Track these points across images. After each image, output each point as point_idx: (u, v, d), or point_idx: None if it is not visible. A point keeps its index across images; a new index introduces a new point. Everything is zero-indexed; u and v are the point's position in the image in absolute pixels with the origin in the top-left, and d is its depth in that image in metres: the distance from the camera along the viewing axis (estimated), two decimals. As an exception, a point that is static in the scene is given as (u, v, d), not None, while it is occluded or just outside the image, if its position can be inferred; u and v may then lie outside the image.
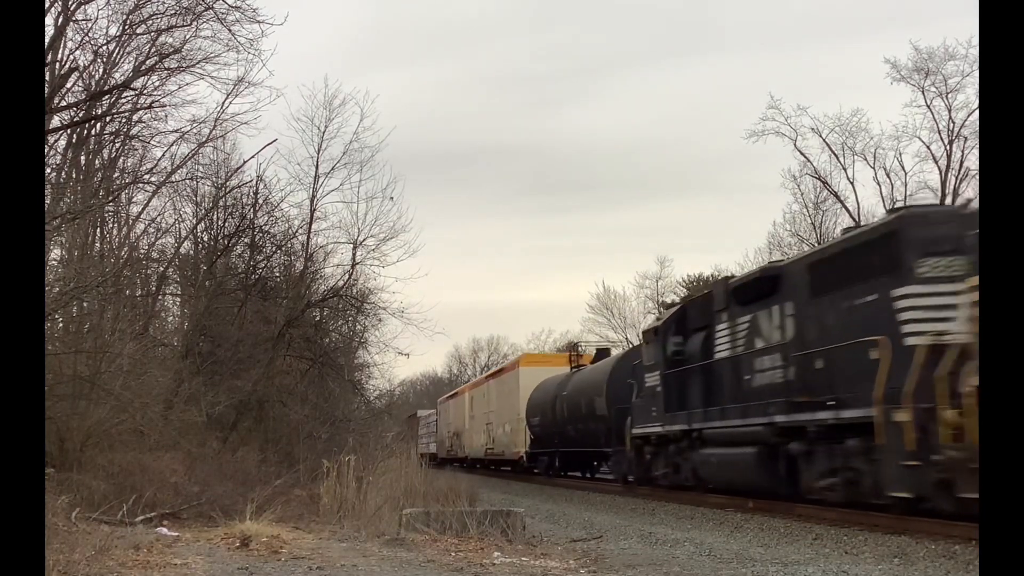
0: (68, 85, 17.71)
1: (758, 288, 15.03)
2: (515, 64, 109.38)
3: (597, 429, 23.53)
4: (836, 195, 38.56)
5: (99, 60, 18.46)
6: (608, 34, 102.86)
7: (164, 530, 10.42)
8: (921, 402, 10.11)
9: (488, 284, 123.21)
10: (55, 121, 16.52)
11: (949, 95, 35.15)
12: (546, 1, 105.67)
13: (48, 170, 16.43)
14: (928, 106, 35.69)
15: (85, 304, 16.46)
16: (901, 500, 10.90)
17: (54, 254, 15.32)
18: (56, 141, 17.53)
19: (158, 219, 22.65)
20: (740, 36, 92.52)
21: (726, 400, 15.63)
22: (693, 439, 16.78)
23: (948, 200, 32.23)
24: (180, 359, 19.43)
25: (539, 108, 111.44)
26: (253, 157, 23.95)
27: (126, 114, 19.44)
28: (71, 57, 17.84)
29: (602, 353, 30.42)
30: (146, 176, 20.58)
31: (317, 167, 23.29)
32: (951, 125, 35.30)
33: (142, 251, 21.60)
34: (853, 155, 37.54)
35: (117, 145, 21.01)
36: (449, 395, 51.18)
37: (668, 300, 47.20)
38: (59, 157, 18.19)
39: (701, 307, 17.75)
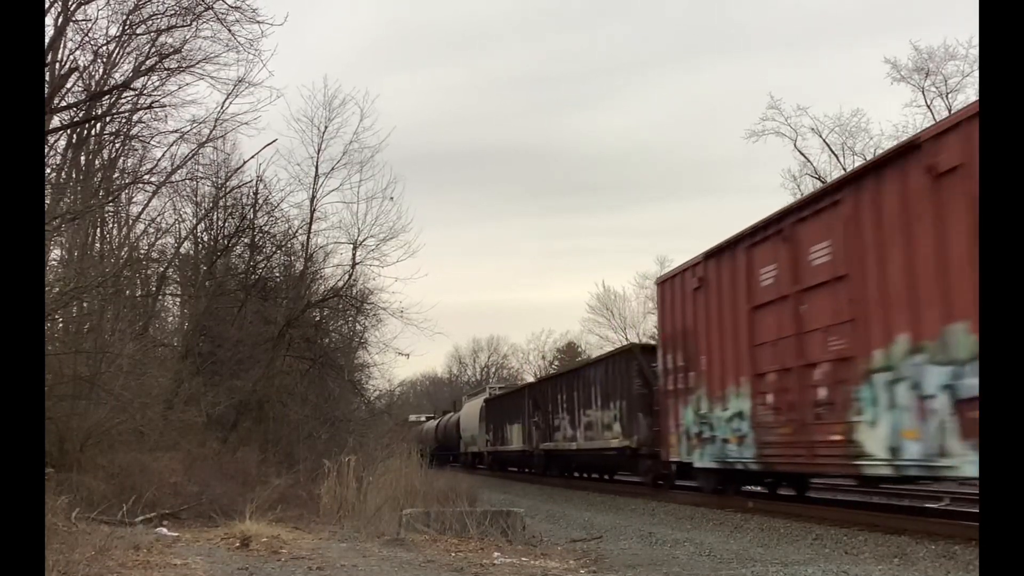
0: (68, 85, 17.73)
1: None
2: (517, 67, 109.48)
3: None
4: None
5: (99, 60, 18.49)
6: (611, 38, 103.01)
7: (164, 530, 10.43)
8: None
9: (488, 284, 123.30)
10: (55, 121, 16.54)
11: (949, 95, 35.23)
12: (550, 5, 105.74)
13: (48, 170, 16.44)
14: (928, 106, 35.76)
15: (85, 304, 16.46)
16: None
17: (54, 254, 15.34)
18: (56, 141, 17.57)
19: (158, 219, 22.68)
20: (742, 38, 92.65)
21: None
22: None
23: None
24: (180, 359, 19.44)
25: (541, 111, 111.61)
26: (253, 157, 23.99)
27: (126, 114, 19.47)
28: (71, 57, 17.86)
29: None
30: (146, 176, 20.61)
31: (317, 167, 23.34)
32: (951, 125, 35.21)
33: (142, 251, 21.58)
34: (853, 155, 37.63)
35: (117, 145, 21.04)
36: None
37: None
38: (59, 157, 18.22)
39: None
